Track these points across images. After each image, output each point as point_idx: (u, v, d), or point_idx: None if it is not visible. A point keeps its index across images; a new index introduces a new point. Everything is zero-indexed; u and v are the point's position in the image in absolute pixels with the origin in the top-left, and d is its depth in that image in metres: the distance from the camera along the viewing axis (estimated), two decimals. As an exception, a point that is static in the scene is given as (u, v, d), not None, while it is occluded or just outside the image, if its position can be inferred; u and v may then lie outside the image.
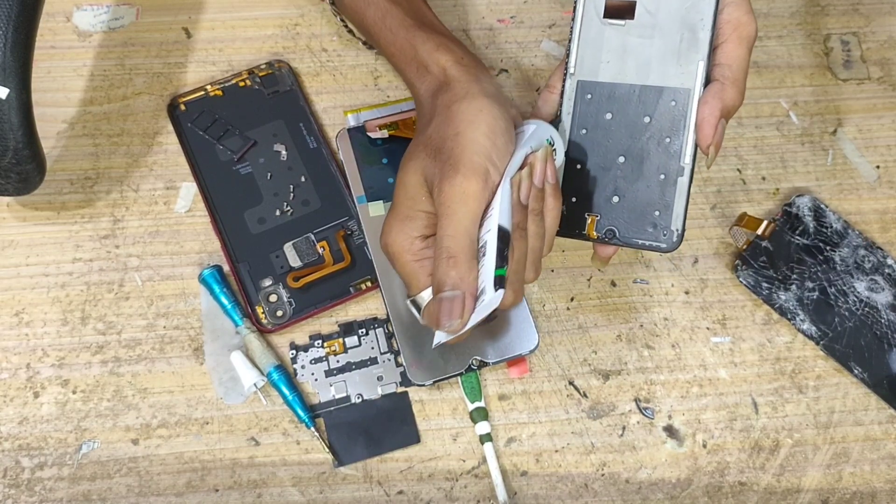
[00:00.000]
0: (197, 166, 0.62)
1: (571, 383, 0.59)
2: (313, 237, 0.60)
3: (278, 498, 0.55)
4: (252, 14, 0.68)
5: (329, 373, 0.58)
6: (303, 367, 0.58)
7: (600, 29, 0.53)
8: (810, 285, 0.60)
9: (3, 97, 0.52)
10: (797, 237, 0.61)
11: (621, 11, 0.52)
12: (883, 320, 0.60)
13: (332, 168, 0.63)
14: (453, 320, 0.47)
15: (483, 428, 0.56)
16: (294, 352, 0.58)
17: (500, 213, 0.48)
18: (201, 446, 0.56)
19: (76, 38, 0.67)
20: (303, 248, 0.60)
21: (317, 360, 0.58)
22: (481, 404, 0.57)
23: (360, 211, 0.61)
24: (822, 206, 0.63)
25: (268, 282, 0.59)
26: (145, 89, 0.65)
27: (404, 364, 0.57)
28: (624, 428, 0.58)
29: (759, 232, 0.60)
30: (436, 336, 0.49)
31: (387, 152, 0.63)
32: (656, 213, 0.52)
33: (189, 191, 0.62)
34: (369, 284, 0.59)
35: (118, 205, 0.62)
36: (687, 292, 0.61)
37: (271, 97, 0.65)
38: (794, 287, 0.60)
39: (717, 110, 0.49)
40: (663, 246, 0.52)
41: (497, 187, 0.49)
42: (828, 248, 0.61)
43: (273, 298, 0.59)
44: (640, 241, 0.52)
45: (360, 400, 0.57)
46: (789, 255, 0.61)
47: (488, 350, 0.57)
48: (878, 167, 0.66)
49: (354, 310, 0.60)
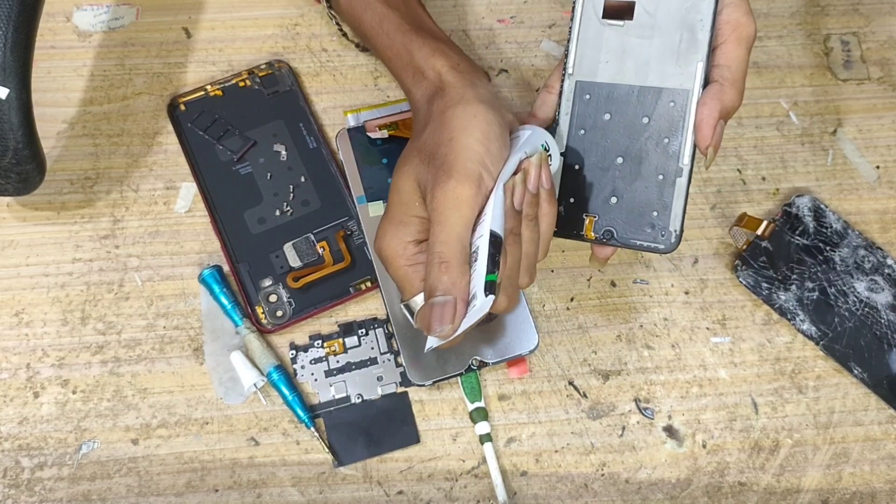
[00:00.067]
0: (197, 166, 0.62)
1: (571, 383, 0.59)
2: (313, 237, 0.61)
3: (278, 498, 0.55)
4: (252, 14, 0.68)
5: (329, 373, 0.58)
6: (303, 367, 0.58)
7: (599, 29, 0.53)
8: (810, 285, 0.60)
9: (3, 97, 0.52)
10: (797, 237, 0.61)
11: (620, 12, 0.52)
12: (883, 320, 0.60)
13: (331, 168, 0.63)
14: (444, 325, 0.48)
15: (483, 428, 0.56)
16: (294, 352, 0.58)
17: (492, 219, 0.48)
18: (201, 446, 0.56)
19: (76, 38, 0.67)
20: (303, 249, 0.60)
21: (317, 361, 0.58)
22: (481, 404, 0.57)
23: (359, 211, 0.61)
24: (822, 206, 0.63)
25: (268, 282, 0.59)
26: (145, 89, 0.65)
27: (404, 364, 0.57)
28: (624, 428, 0.58)
29: (759, 232, 0.60)
30: (428, 340, 0.49)
31: (386, 152, 0.63)
32: (654, 213, 0.52)
33: (189, 191, 0.63)
34: (369, 285, 0.59)
35: (118, 205, 0.62)
36: (687, 292, 0.61)
37: (271, 97, 0.65)
38: (793, 287, 0.60)
39: (716, 111, 0.49)
40: (661, 247, 0.52)
41: (490, 193, 0.49)
42: (828, 248, 0.61)
43: (273, 298, 0.59)
44: (639, 242, 0.52)
45: (360, 400, 0.57)
46: (789, 255, 0.61)
47: (488, 350, 0.57)
48: (878, 167, 0.66)
49: (354, 310, 0.60)
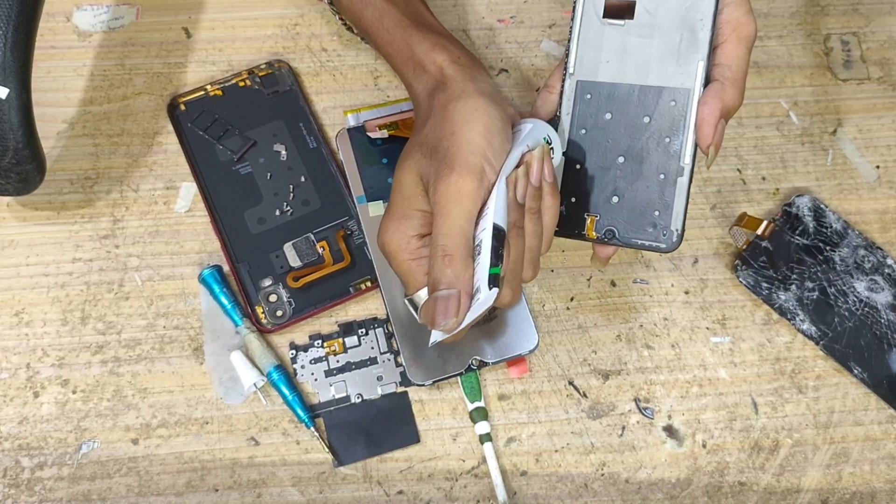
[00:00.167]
0: (197, 166, 0.62)
1: (571, 383, 0.59)
2: (313, 237, 0.60)
3: (278, 498, 0.55)
4: (252, 14, 0.68)
5: (329, 373, 0.58)
6: (303, 367, 0.58)
7: (600, 29, 0.53)
8: (810, 285, 0.60)
9: (3, 97, 0.52)
10: (797, 237, 0.61)
11: (621, 11, 0.52)
12: (883, 320, 0.60)
13: (331, 168, 0.63)
14: (449, 319, 0.48)
15: (483, 428, 0.56)
16: (294, 352, 0.58)
17: (495, 212, 0.48)
18: (201, 446, 0.56)
19: (76, 38, 0.67)
20: (303, 248, 0.60)
21: (317, 360, 0.58)
22: (481, 404, 0.57)
23: (359, 211, 0.61)
24: (822, 206, 0.63)
25: (268, 282, 0.59)
26: (145, 89, 0.65)
27: (404, 364, 0.57)
28: (624, 428, 0.58)
29: (759, 232, 0.60)
30: (432, 335, 0.49)
31: (386, 152, 0.63)
32: (656, 213, 0.52)
33: (189, 191, 0.62)
34: (369, 284, 0.59)
35: (118, 205, 0.62)
36: (687, 292, 0.61)
37: (271, 97, 0.65)
38: (793, 287, 0.60)
39: (717, 110, 0.49)
40: (663, 246, 0.52)
41: (493, 186, 0.49)
42: (828, 248, 0.61)
43: (273, 298, 0.59)
44: (640, 242, 0.52)
45: (360, 400, 0.57)
46: (789, 255, 0.61)
47: (488, 350, 0.57)
48: (878, 167, 0.66)
49: (354, 310, 0.60)
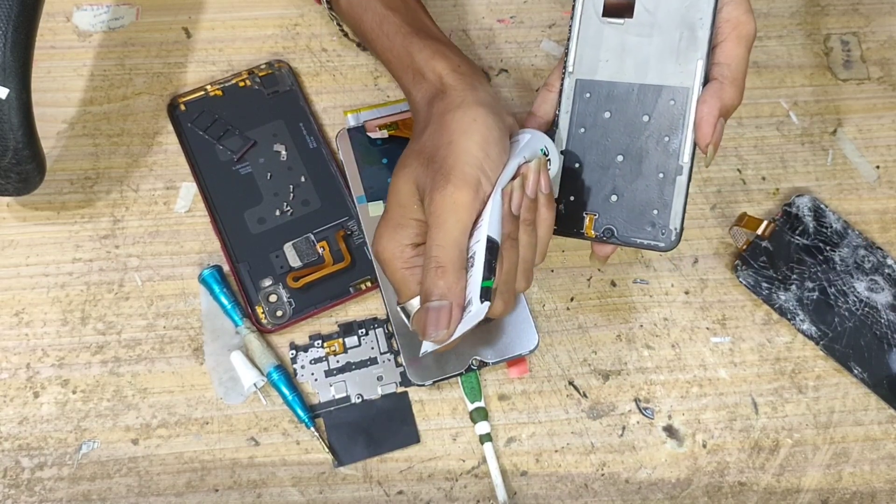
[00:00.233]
0: (197, 166, 0.62)
1: (571, 383, 0.59)
2: (313, 237, 0.60)
3: (278, 498, 0.55)
4: (252, 14, 0.68)
5: (329, 373, 0.58)
6: (303, 367, 0.58)
7: (599, 27, 0.53)
8: (810, 285, 0.60)
9: (3, 97, 0.52)
10: (797, 237, 0.61)
11: (620, 10, 0.52)
12: (883, 320, 0.60)
13: (331, 168, 0.63)
14: (440, 330, 0.47)
15: (483, 428, 0.56)
16: (294, 352, 0.58)
17: (489, 224, 0.48)
18: (201, 446, 0.56)
19: (76, 38, 0.67)
20: (303, 248, 0.60)
21: (317, 360, 0.58)
22: (481, 404, 0.57)
23: (359, 211, 0.61)
24: (822, 206, 0.63)
25: (268, 282, 0.59)
26: (145, 89, 0.65)
27: (404, 364, 0.57)
28: (624, 428, 0.58)
29: (759, 232, 0.60)
30: (423, 344, 0.49)
31: (386, 152, 0.63)
32: (655, 211, 0.52)
33: (189, 191, 0.63)
34: (369, 284, 0.59)
35: (118, 205, 0.62)
36: (687, 292, 0.61)
37: (271, 97, 0.65)
38: (793, 287, 0.60)
39: (716, 109, 0.49)
40: (661, 245, 0.52)
41: (489, 197, 0.49)
42: (828, 248, 0.61)
43: (273, 298, 0.59)
44: (639, 240, 0.52)
45: (360, 400, 0.57)
46: (789, 255, 0.61)
47: (488, 350, 0.57)
48: (878, 167, 0.66)
49: (354, 310, 0.60)
